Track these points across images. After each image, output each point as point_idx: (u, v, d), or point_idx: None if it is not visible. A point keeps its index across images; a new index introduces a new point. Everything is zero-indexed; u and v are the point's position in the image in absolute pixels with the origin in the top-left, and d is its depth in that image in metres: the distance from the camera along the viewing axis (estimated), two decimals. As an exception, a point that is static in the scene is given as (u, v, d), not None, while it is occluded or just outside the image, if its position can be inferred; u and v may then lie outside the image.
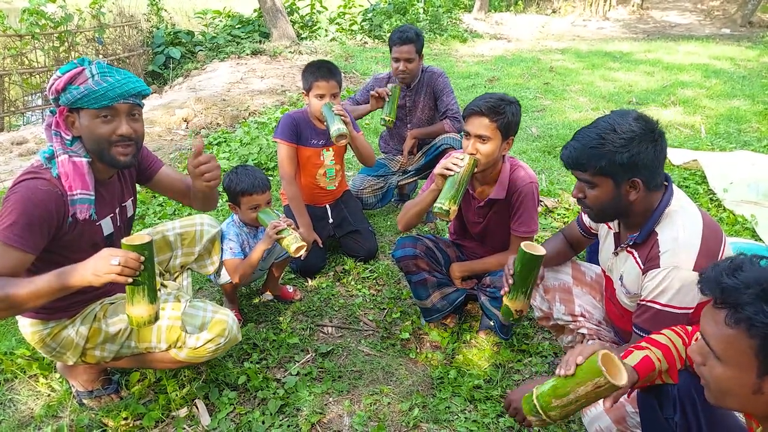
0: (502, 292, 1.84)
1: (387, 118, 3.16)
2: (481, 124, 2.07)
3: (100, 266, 1.51)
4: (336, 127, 2.63)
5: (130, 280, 1.54)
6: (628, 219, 1.65)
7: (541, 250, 1.72)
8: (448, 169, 2.06)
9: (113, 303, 1.89)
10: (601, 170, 1.53)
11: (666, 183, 1.62)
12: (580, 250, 2.08)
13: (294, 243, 2.26)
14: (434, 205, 2.04)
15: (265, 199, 2.47)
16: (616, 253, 1.73)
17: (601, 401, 1.56)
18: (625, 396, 1.53)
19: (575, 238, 2.03)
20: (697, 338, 1.18)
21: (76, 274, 1.54)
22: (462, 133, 2.21)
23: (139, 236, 1.59)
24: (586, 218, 1.94)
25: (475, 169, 2.10)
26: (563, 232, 2.06)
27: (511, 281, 1.78)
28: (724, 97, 6.52)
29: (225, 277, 2.43)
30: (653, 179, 1.55)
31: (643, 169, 1.51)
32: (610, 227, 1.79)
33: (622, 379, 1.25)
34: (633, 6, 15.87)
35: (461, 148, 2.33)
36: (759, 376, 1.01)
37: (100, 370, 2.05)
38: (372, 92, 3.25)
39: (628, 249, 1.66)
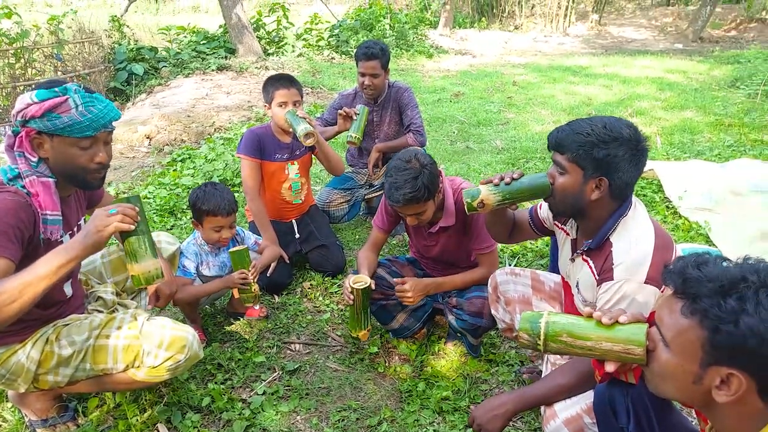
0: (486, 180, 1.71)
1: (354, 135, 3.14)
2: (408, 210, 2.15)
3: (99, 221, 1.52)
4: (302, 126, 2.66)
5: (133, 226, 1.56)
6: (584, 221, 1.67)
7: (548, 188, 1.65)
8: (346, 300, 2.24)
9: (67, 325, 1.83)
10: (577, 158, 1.55)
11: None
12: (515, 239, 2.08)
13: (250, 301, 2.41)
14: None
15: (230, 221, 2.45)
16: (572, 260, 1.76)
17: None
18: (584, 407, 1.55)
19: (518, 224, 2.02)
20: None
21: (77, 243, 1.52)
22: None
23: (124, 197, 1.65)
24: (543, 211, 1.95)
25: (372, 288, 2.24)
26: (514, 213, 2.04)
27: (507, 180, 1.66)
28: (678, 108, 6.76)
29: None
30: (619, 187, 1.56)
31: (614, 172, 1.54)
32: (567, 233, 1.81)
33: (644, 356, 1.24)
34: (591, 22, 16.39)
35: None
36: (702, 366, 1.05)
37: (55, 397, 1.97)
38: (339, 111, 3.25)
39: (584, 257, 1.68)
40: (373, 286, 2.25)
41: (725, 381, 1.03)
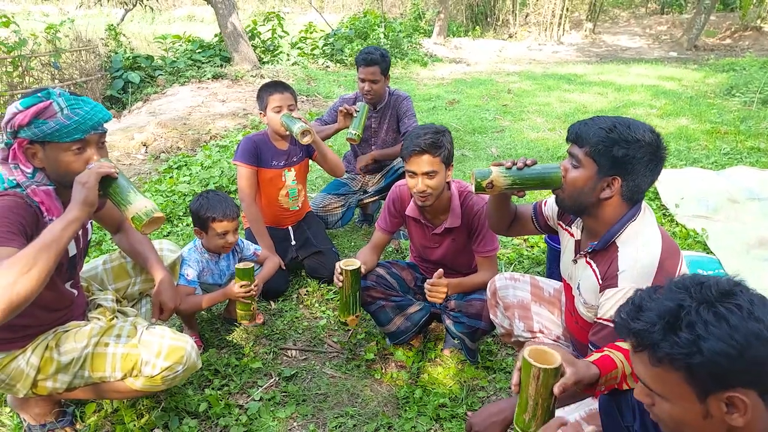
0: (499, 163, 1.67)
1: (355, 132, 3.11)
2: (425, 162, 2.11)
3: (80, 177, 1.56)
4: (298, 125, 2.68)
5: (114, 169, 1.60)
6: (590, 221, 1.65)
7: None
8: (336, 284, 2.23)
9: (67, 331, 1.82)
10: (595, 153, 1.52)
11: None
12: (513, 232, 2.05)
13: (247, 318, 2.40)
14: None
15: (235, 226, 2.47)
16: (575, 261, 1.74)
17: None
18: (583, 414, 1.54)
19: (520, 217, 2.01)
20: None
21: (71, 205, 1.53)
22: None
23: None
24: (547, 208, 1.93)
25: (361, 271, 2.24)
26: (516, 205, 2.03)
27: (520, 165, 1.63)
28: (673, 116, 6.81)
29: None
30: (631, 190, 1.55)
31: (629, 174, 1.52)
32: (571, 234, 1.80)
33: (556, 361, 1.27)
34: (586, 31, 16.53)
35: None
36: (701, 401, 1.03)
37: (54, 402, 1.96)
38: (340, 108, 3.25)
39: (587, 260, 1.66)
40: (363, 270, 2.26)
41: (730, 404, 1.01)
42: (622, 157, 1.50)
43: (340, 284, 2.20)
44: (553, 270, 2.85)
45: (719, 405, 1.02)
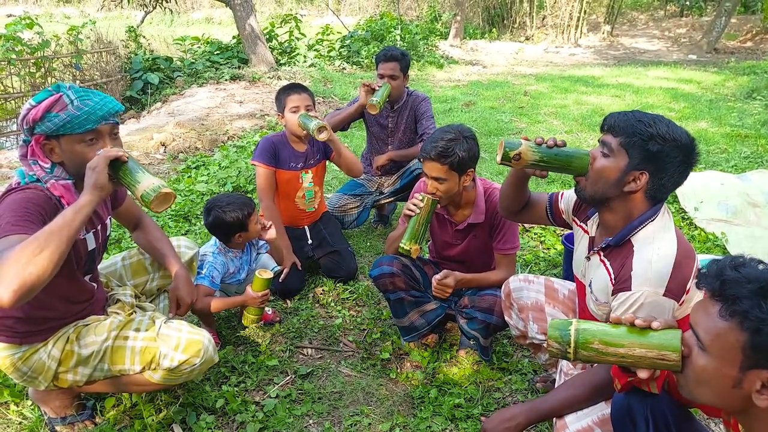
0: (532, 138, 1.67)
1: (376, 100, 3.10)
2: (433, 168, 2.15)
3: (90, 164, 1.56)
4: (315, 122, 2.71)
5: (122, 152, 1.60)
6: (607, 215, 1.63)
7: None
8: (410, 210, 2.20)
9: (87, 325, 1.86)
10: (629, 144, 1.51)
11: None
12: (523, 217, 2.03)
13: (256, 321, 2.46)
14: (399, 244, 2.19)
15: (255, 218, 2.55)
16: (588, 258, 1.72)
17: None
18: (595, 419, 1.53)
19: (533, 204, 1.99)
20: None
21: (83, 191, 1.54)
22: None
23: None
24: (563, 201, 1.91)
25: (437, 205, 2.22)
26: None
27: (550, 143, 1.62)
28: (692, 119, 6.73)
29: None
30: (656, 188, 1.54)
31: (658, 171, 1.51)
32: (586, 231, 1.78)
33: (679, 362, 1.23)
34: (603, 33, 16.40)
35: None
36: (741, 370, 1.02)
37: (74, 396, 2.00)
38: (363, 82, 3.28)
39: (601, 257, 1.65)
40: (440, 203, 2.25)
41: (766, 385, 1.00)
42: (656, 153, 1.49)
43: (417, 210, 2.17)
44: (569, 272, 2.83)
45: (755, 381, 1.01)
